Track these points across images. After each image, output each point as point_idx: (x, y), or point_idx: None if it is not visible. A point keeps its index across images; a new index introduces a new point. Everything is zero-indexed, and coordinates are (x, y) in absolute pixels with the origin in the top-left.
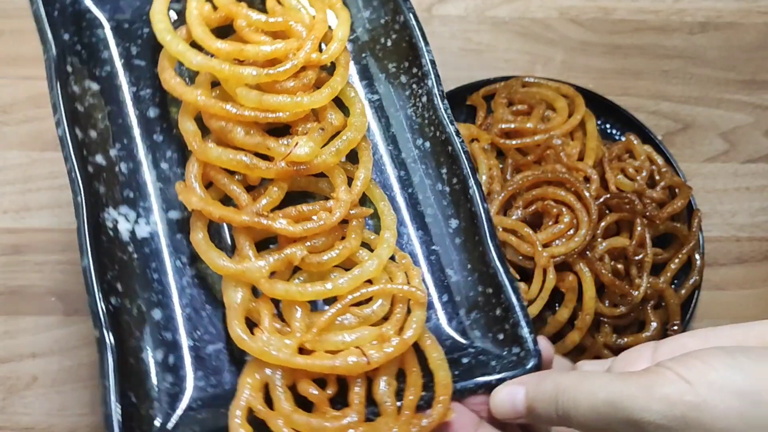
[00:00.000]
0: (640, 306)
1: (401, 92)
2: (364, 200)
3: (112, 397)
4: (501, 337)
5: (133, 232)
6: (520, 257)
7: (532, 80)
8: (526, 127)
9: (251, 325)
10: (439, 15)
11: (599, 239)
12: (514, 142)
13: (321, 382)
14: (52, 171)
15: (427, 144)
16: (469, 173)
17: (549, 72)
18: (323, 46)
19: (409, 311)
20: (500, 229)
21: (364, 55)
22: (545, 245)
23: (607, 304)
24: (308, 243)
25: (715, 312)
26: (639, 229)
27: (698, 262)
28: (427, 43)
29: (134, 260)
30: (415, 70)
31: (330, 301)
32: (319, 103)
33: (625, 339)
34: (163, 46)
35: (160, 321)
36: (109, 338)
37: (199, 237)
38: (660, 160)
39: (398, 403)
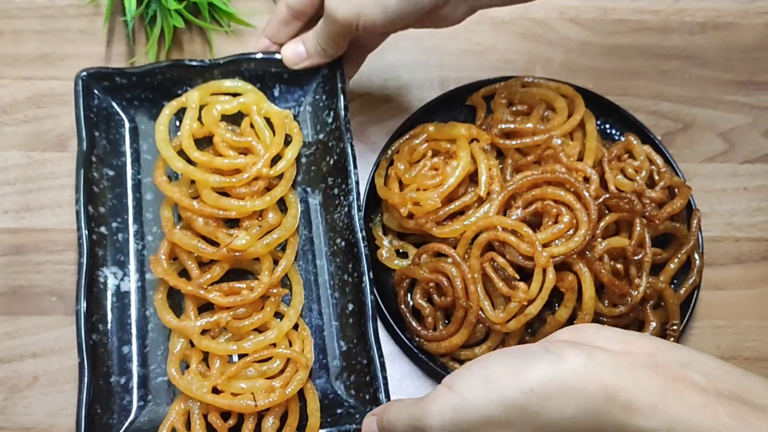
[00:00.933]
0: (639, 306)
1: (332, 200)
2: (286, 280)
3: (83, 408)
4: (367, 397)
5: (117, 287)
6: (520, 257)
7: (532, 80)
8: (526, 128)
9: (187, 366)
10: None
11: (599, 239)
12: (513, 142)
13: (227, 415)
14: (53, 171)
15: (342, 243)
16: (365, 270)
17: (548, 72)
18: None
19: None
20: (499, 229)
21: (312, 167)
22: (545, 245)
23: (606, 304)
24: (235, 310)
25: (713, 312)
26: (638, 229)
27: (697, 262)
28: (355, 167)
29: (115, 308)
30: (344, 186)
31: (243, 355)
32: (260, 207)
33: None
34: (159, 150)
35: (126, 354)
36: (88, 364)
37: (158, 297)
38: (659, 161)
39: None
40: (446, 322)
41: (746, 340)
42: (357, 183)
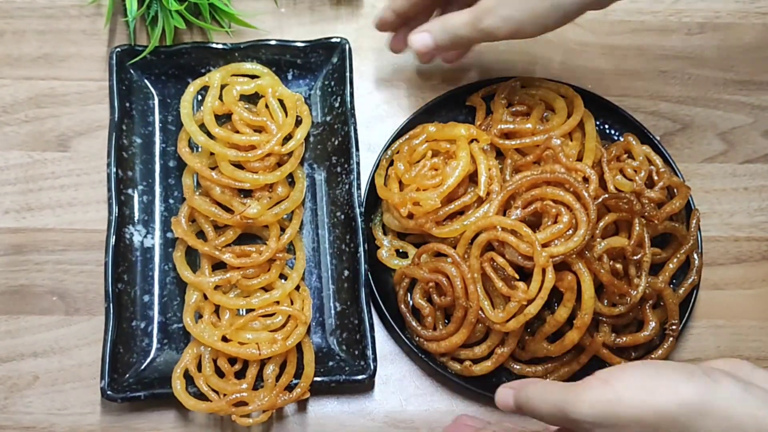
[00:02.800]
0: (638, 305)
1: (335, 177)
2: (291, 246)
3: (108, 347)
4: (356, 352)
5: (141, 243)
6: (519, 257)
7: (531, 81)
8: (525, 128)
9: (200, 316)
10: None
11: (598, 239)
12: (513, 142)
13: (234, 360)
14: (54, 171)
15: (342, 216)
16: (360, 242)
17: (548, 73)
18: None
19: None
20: (499, 229)
21: (319, 146)
22: (544, 245)
23: (606, 304)
24: (245, 270)
25: (713, 312)
26: (637, 228)
27: (696, 262)
28: (357, 149)
29: (138, 261)
30: (346, 166)
31: (250, 310)
32: (271, 181)
33: (624, 338)
34: (183, 124)
35: (146, 303)
36: (113, 310)
37: (177, 255)
38: (658, 161)
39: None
40: (446, 321)
41: (746, 340)
42: (358, 164)
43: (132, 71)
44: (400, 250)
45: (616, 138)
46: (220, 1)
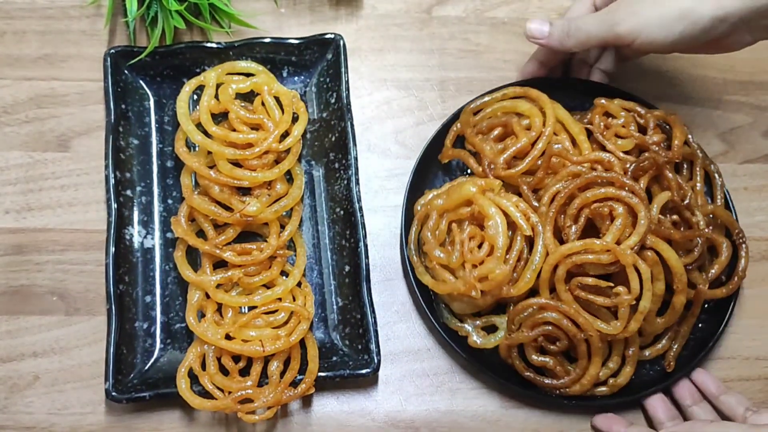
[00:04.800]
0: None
1: (333, 173)
2: (291, 243)
3: (112, 348)
4: (359, 347)
5: (141, 244)
6: (604, 267)
7: (478, 104)
8: (523, 144)
9: (203, 315)
10: (438, 16)
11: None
12: (518, 168)
13: (238, 358)
14: (54, 171)
15: (341, 212)
16: (361, 237)
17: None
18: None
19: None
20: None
21: (316, 142)
22: (618, 243)
23: (682, 255)
24: (246, 268)
25: None
26: (670, 176)
27: (718, 180)
28: (355, 145)
29: (139, 262)
30: (344, 161)
31: (252, 307)
32: (269, 178)
33: (713, 270)
34: (180, 123)
35: (148, 303)
36: (115, 311)
37: (178, 254)
38: (637, 107)
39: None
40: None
41: (746, 340)
42: (355, 159)
43: (127, 73)
44: (486, 326)
45: (584, 108)
46: (220, 1)
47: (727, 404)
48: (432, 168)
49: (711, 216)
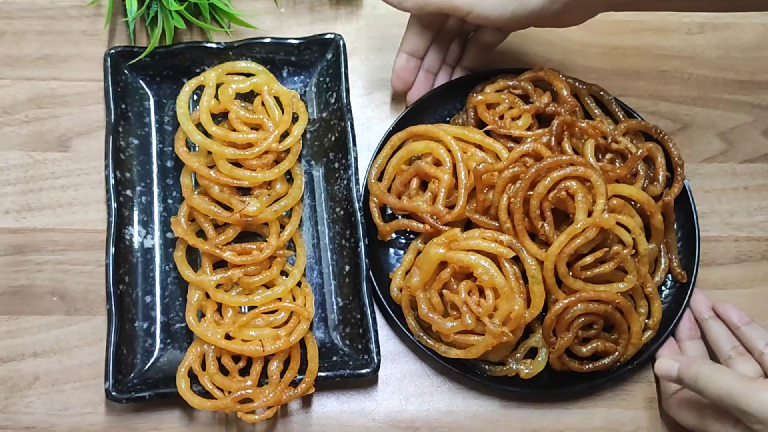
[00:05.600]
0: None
1: (333, 173)
2: (291, 243)
3: (112, 348)
4: (359, 347)
5: (141, 244)
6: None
7: (375, 167)
8: (447, 181)
9: (202, 315)
10: None
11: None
12: (459, 205)
13: (237, 358)
14: (54, 171)
15: (341, 212)
16: (360, 237)
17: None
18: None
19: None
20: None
21: (316, 142)
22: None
23: (633, 182)
24: (246, 268)
25: None
26: (583, 124)
27: (607, 97)
28: (355, 145)
29: (139, 262)
30: (344, 161)
31: (252, 307)
32: (269, 178)
33: (660, 172)
34: (180, 123)
35: (148, 303)
36: (115, 311)
37: (178, 254)
38: (507, 82)
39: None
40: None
41: None
42: (355, 159)
43: (127, 73)
44: (526, 354)
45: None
46: (220, 1)
47: (747, 336)
48: (380, 249)
49: (626, 132)
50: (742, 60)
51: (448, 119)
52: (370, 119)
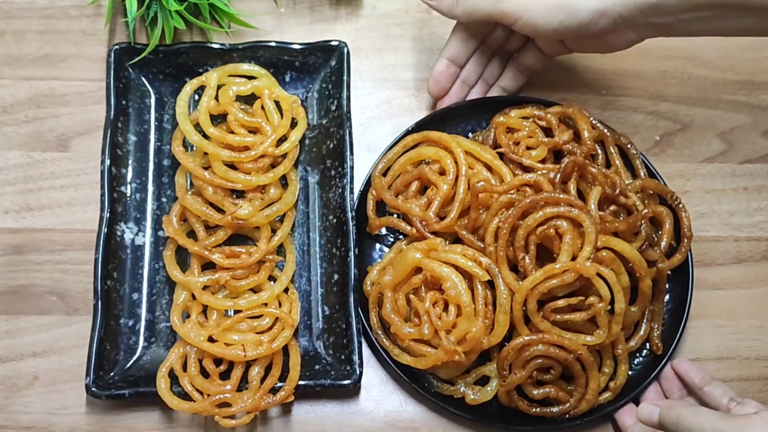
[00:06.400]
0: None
1: (328, 181)
2: (281, 248)
3: (95, 343)
4: (342, 357)
5: (132, 241)
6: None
7: (383, 162)
8: (446, 191)
9: (188, 315)
10: (438, 16)
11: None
12: (450, 218)
13: (219, 361)
14: (53, 171)
15: (334, 220)
16: (351, 246)
17: (547, 73)
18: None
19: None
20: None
21: (314, 149)
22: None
23: (632, 240)
24: (234, 271)
25: (712, 312)
26: (594, 170)
27: (633, 151)
28: (351, 154)
29: (128, 259)
30: (340, 169)
31: (238, 311)
32: (264, 182)
33: (664, 238)
34: (178, 123)
35: (135, 300)
36: (101, 307)
37: (168, 253)
38: (529, 110)
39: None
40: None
41: (745, 340)
42: (352, 168)
43: (130, 69)
44: (477, 380)
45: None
46: (220, 1)
47: (711, 395)
48: (366, 241)
49: (641, 191)
50: (742, 60)
51: (470, 135)
52: (370, 119)
